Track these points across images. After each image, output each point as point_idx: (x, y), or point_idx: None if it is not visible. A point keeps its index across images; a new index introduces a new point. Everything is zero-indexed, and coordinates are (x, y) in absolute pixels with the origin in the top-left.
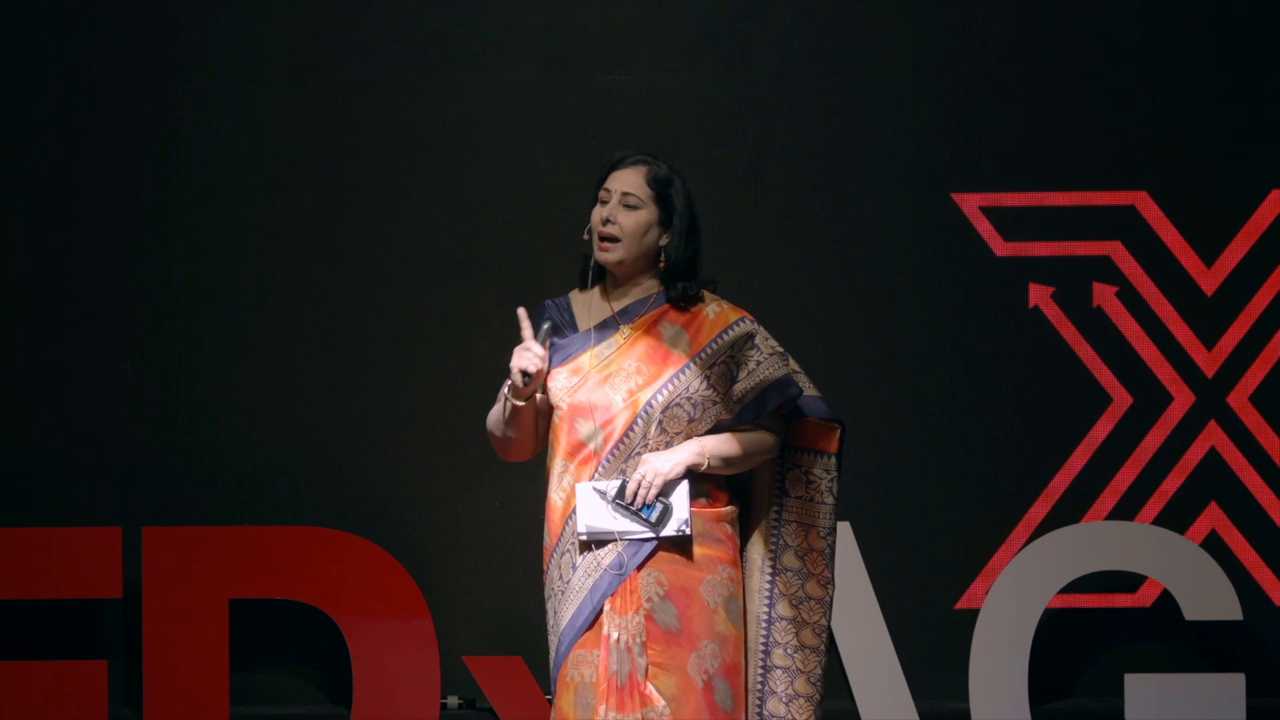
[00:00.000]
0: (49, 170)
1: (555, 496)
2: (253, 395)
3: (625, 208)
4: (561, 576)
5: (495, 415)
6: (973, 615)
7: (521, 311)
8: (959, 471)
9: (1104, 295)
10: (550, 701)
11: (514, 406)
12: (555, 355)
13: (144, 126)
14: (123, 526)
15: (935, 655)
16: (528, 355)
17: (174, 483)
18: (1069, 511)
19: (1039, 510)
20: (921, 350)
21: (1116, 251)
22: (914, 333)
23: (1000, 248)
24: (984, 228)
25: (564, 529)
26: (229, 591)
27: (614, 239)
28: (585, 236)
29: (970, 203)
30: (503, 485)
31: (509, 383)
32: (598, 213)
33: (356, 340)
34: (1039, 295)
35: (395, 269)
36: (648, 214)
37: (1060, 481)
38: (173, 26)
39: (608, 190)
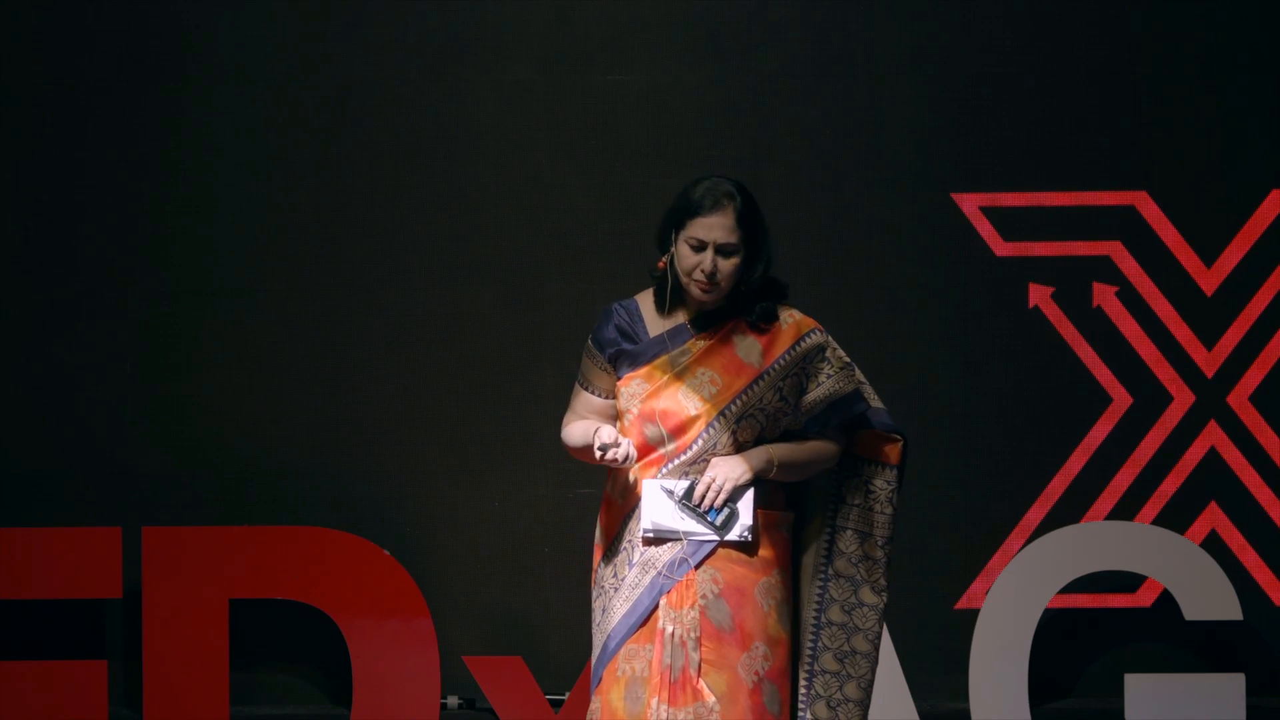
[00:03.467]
0: (49, 170)
1: (615, 495)
2: (253, 395)
3: (723, 256)
4: (615, 573)
5: (576, 441)
6: (973, 615)
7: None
8: (959, 471)
9: (1104, 295)
10: (551, 702)
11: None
12: (625, 360)
13: (144, 126)
14: (123, 526)
15: (935, 655)
16: (617, 453)
17: (174, 483)
18: (1069, 511)
19: (1039, 510)
20: (921, 350)
21: (1116, 251)
22: (914, 333)
23: (1000, 248)
24: (984, 228)
25: (621, 526)
26: (229, 591)
27: (713, 286)
28: (662, 265)
29: (970, 203)
30: (503, 485)
31: (600, 437)
32: (693, 259)
33: (356, 340)
34: (1039, 295)
35: (395, 269)
36: (740, 255)
37: (1060, 481)
38: (173, 26)
39: (699, 240)
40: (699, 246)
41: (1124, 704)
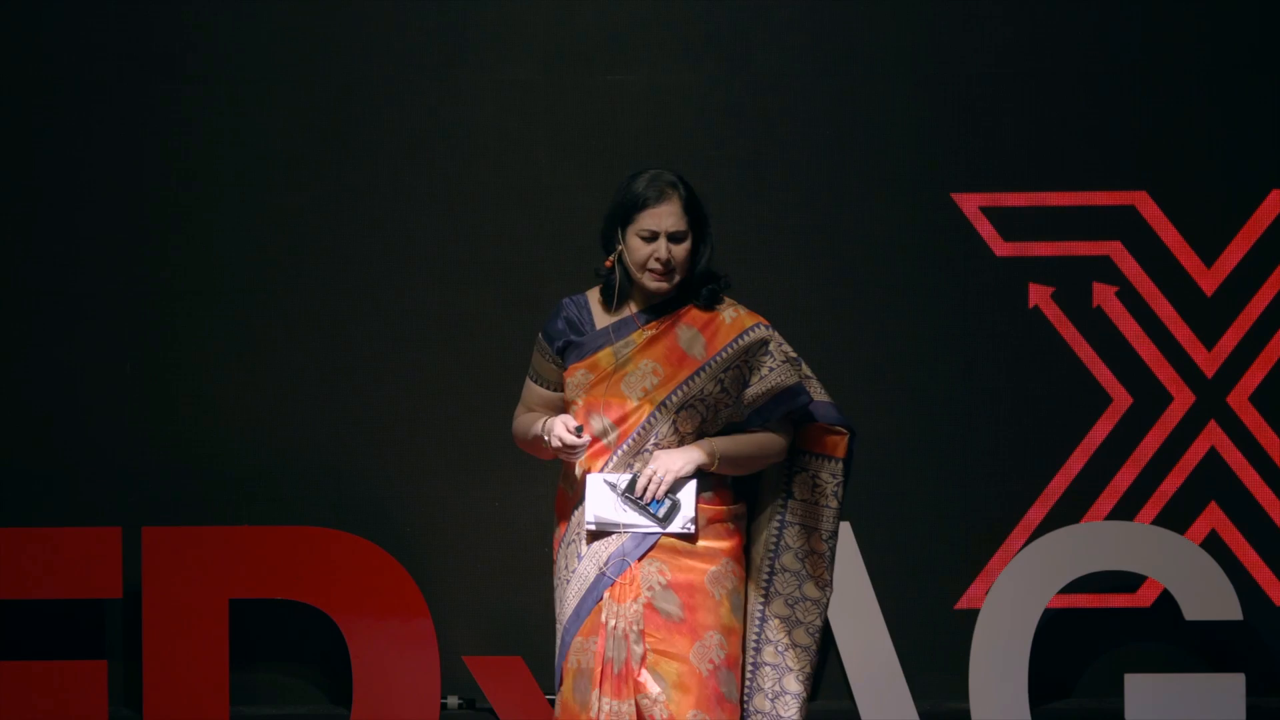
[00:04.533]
0: (49, 170)
1: (566, 487)
2: (253, 395)
3: (674, 243)
4: (568, 565)
5: (524, 433)
6: (973, 615)
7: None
8: (959, 471)
9: (1104, 295)
10: (551, 701)
11: (545, 448)
12: (572, 352)
13: (144, 126)
14: (123, 526)
15: (935, 655)
16: (572, 451)
17: (174, 483)
18: (1069, 511)
19: (1039, 510)
20: (921, 350)
21: (1116, 251)
22: (914, 333)
23: (1000, 248)
24: (984, 228)
25: (572, 518)
26: (229, 591)
27: (668, 273)
28: (609, 264)
29: (970, 203)
30: (503, 485)
31: (544, 431)
32: (645, 249)
33: (356, 340)
34: (1039, 295)
35: (395, 269)
36: (691, 240)
37: (1060, 481)
38: (173, 26)
39: (650, 231)
40: (651, 237)
41: (1124, 704)
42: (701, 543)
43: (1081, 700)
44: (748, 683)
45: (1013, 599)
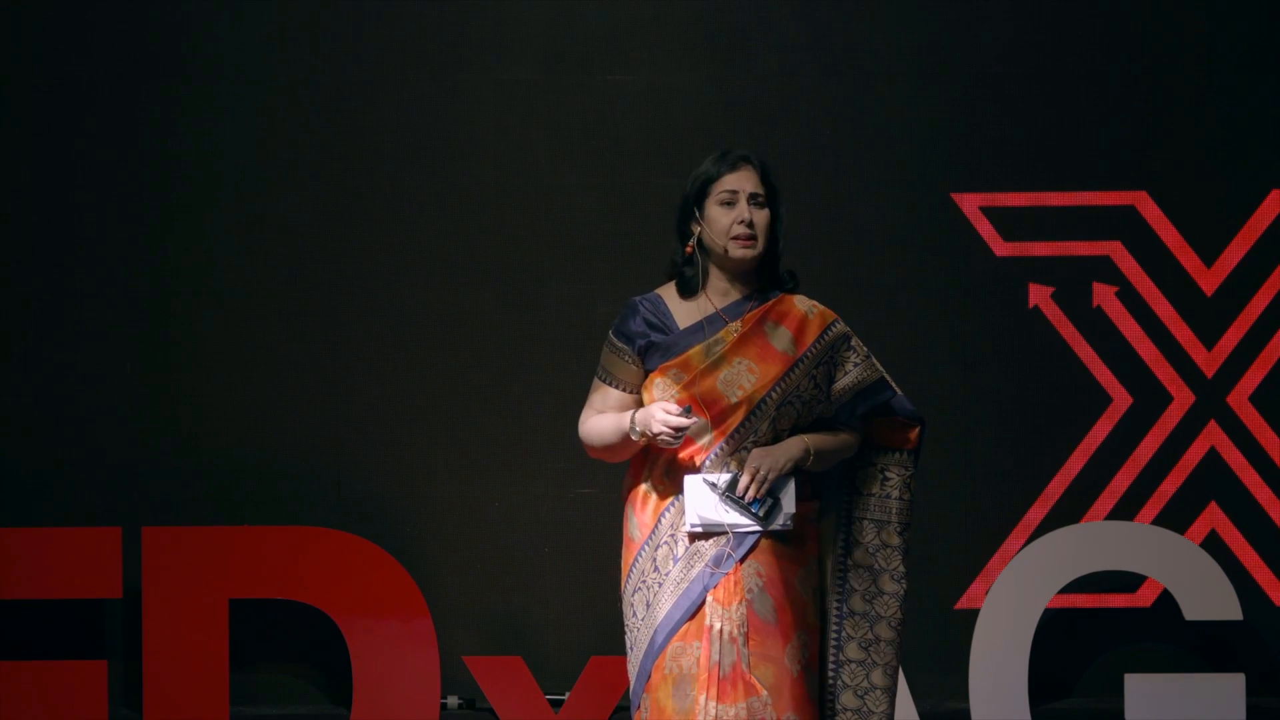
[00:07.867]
0: (48, 170)
1: (651, 489)
2: (253, 395)
3: (756, 206)
4: (657, 568)
5: (604, 435)
6: (973, 615)
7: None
8: (959, 471)
9: (1104, 295)
10: (551, 701)
11: (632, 441)
12: (656, 352)
13: (144, 126)
14: (123, 526)
15: (935, 655)
16: (680, 433)
17: (174, 483)
18: (1069, 511)
19: (1039, 510)
20: (921, 350)
21: (1116, 251)
22: (914, 333)
23: (1000, 248)
24: (984, 228)
25: (659, 521)
26: (229, 591)
27: (753, 237)
28: (690, 249)
29: (970, 203)
30: (502, 485)
31: (636, 424)
32: (728, 216)
33: (356, 340)
34: (1039, 295)
35: (395, 269)
36: (770, 209)
37: (1060, 481)
38: (173, 26)
39: (732, 193)
40: (731, 200)
41: (1124, 704)
42: (794, 543)
43: (1081, 700)
44: (831, 681)
45: (1013, 599)
